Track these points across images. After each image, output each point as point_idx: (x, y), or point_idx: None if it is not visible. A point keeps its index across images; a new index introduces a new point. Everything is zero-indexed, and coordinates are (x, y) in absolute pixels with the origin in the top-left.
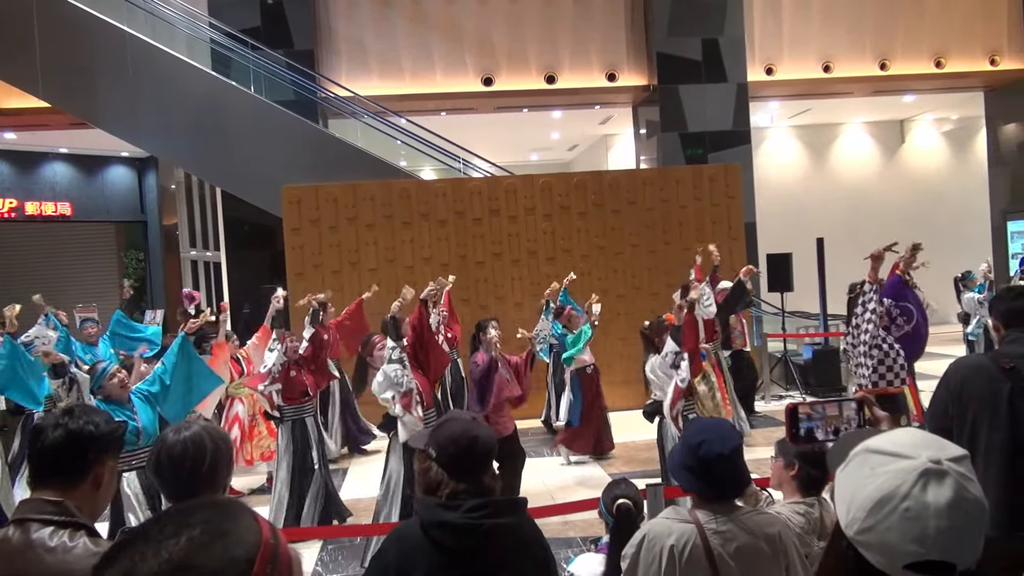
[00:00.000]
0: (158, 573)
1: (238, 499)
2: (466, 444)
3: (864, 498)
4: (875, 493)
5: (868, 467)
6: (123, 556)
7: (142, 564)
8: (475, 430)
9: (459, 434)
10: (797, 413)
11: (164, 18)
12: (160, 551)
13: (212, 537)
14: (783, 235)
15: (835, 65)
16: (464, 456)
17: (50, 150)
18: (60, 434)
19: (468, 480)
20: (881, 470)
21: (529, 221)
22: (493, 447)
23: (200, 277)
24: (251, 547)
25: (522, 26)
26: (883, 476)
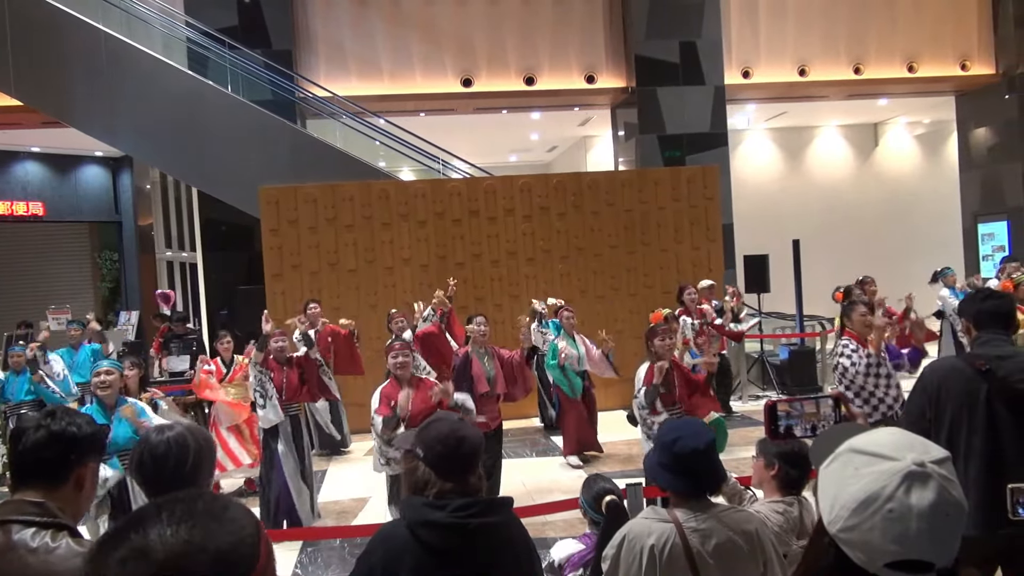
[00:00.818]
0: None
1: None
2: (453, 444)
3: (848, 498)
4: (859, 493)
5: (853, 467)
6: (132, 537)
7: (159, 541)
8: (462, 430)
9: (446, 434)
10: (776, 410)
11: (140, 16)
12: (176, 531)
13: (220, 521)
14: (760, 236)
15: (810, 69)
16: (451, 456)
17: (22, 149)
18: (42, 435)
19: (454, 480)
20: (866, 471)
21: (508, 222)
22: (480, 447)
23: (176, 278)
24: (255, 534)
25: (501, 27)
26: (868, 477)
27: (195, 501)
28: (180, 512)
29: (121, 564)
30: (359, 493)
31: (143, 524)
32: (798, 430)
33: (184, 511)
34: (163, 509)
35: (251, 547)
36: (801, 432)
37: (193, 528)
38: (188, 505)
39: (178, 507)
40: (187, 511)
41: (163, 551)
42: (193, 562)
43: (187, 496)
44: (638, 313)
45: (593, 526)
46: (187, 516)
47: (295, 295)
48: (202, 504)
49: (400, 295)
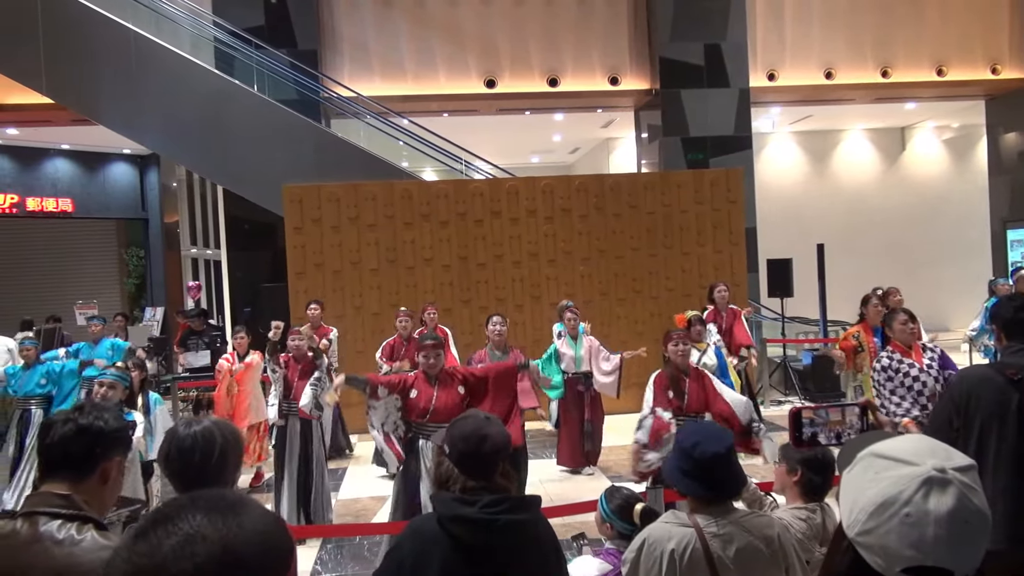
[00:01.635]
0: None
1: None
2: (475, 442)
3: (867, 501)
4: (877, 497)
5: (873, 471)
6: (157, 526)
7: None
8: (485, 429)
9: (469, 432)
10: (801, 417)
11: (168, 16)
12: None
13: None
14: (783, 240)
15: (837, 72)
16: (472, 454)
17: (52, 146)
18: (70, 428)
19: (477, 477)
20: (885, 475)
21: (530, 223)
22: (502, 447)
23: (200, 275)
24: (286, 538)
25: (525, 29)
26: (886, 481)
27: (220, 496)
28: (212, 503)
29: (178, 549)
30: (378, 492)
31: (183, 514)
32: (823, 438)
33: (215, 503)
34: (195, 501)
35: (286, 532)
36: (826, 440)
37: (228, 516)
38: (216, 498)
39: (203, 498)
40: (218, 503)
41: (217, 534)
42: (246, 544)
43: (209, 493)
44: (659, 316)
45: (619, 539)
46: (221, 507)
47: (317, 293)
48: (229, 497)
49: (421, 295)
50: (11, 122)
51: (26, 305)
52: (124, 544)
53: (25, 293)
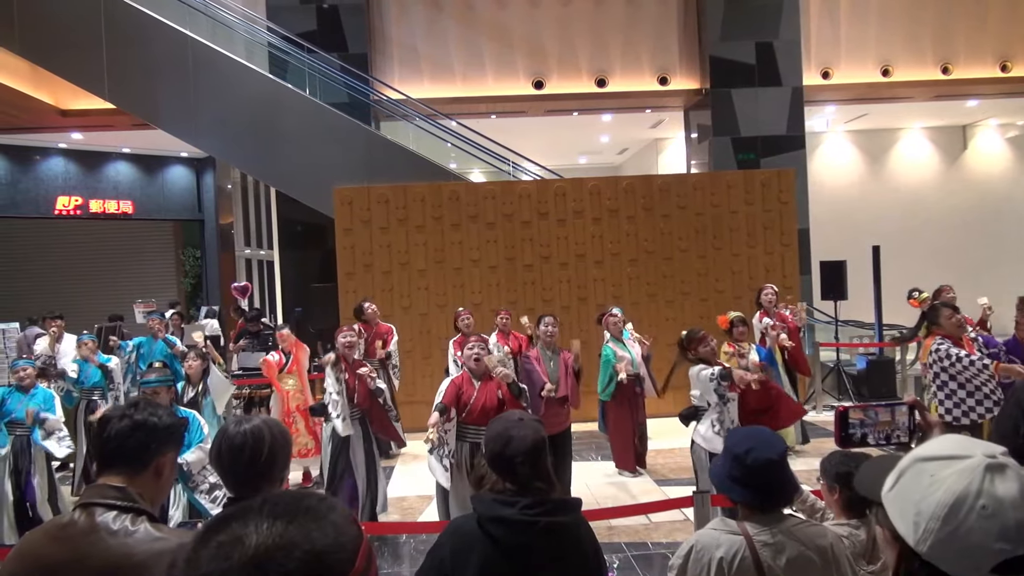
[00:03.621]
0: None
1: (331, 496)
2: (501, 443)
3: (934, 507)
4: (946, 497)
5: (927, 475)
6: (233, 525)
7: (255, 533)
8: (512, 430)
9: (498, 433)
10: (848, 417)
11: (224, 22)
12: (273, 524)
13: (320, 522)
14: (837, 242)
15: (894, 69)
16: (499, 454)
17: (114, 150)
18: (126, 424)
19: (505, 477)
20: (943, 474)
21: (577, 224)
22: (531, 448)
23: (254, 275)
24: (355, 539)
25: (573, 29)
26: (949, 479)
27: (300, 500)
28: (283, 508)
29: (219, 547)
30: (425, 491)
31: (246, 515)
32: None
33: (287, 508)
34: (267, 503)
35: (347, 552)
36: (874, 441)
37: (290, 524)
38: (293, 503)
39: (282, 503)
40: (290, 508)
41: (258, 541)
42: (286, 556)
43: (294, 495)
44: (708, 318)
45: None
46: (289, 513)
47: (366, 293)
48: (307, 503)
49: (468, 296)
50: (76, 127)
51: (89, 304)
52: (195, 547)
53: (88, 292)
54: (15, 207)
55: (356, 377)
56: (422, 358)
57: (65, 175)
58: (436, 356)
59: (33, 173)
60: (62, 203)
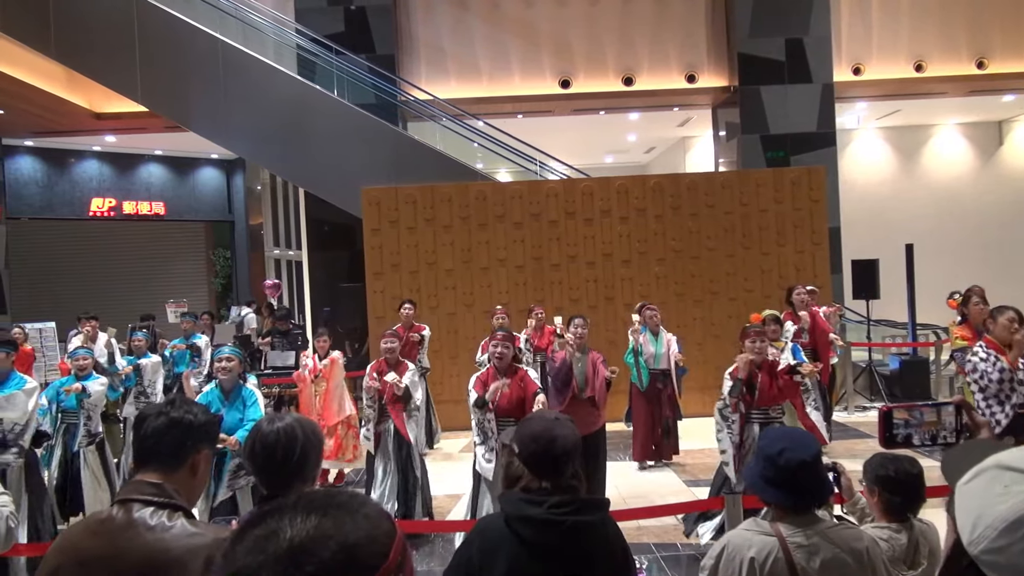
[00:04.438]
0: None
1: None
2: (545, 442)
3: (995, 517)
4: (1009, 514)
5: (1001, 484)
6: (268, 520)
7: (289, 526)
8: (556, 429)
9: (539, 432)
10: (892, 417)
11: (254, 25)
12: (307, 518)
13: (354, 516)
14: (869, 240)
15: (928, 64)
16: (542, 454)
17: (146, 152)
18: (162, 421)
19: (547, 477)
20: (1016, 488)
21: (605, 224)
22: (573, 447)
23: (283, 275)
24: (388, 532)
25: (600, 28)
26: (1019, 496)
27: (334, 496)
28: (317, 503)
29: (255, 541)
30: (453, 490)
31: (282, 510)
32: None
33: (321, 503)
34: (302, 499)
35: (381, 545)
36: (919, 441)
37: (325, 517)
38: (327, 498)
39: (316, 499)
40: (324, 503)
41: (292, 534)
42: (319, 547)
43: (328, 492)
44: (737, 318)
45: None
46: (322, 507)
47: (394, 293)
48: (340, 499)
49: (495, 295)
50: (110, 130)
51: (121, 303)
52: (232, 541)
53: (121, 292)
54: (51, 209)
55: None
56: (449, 358)
57: (99, 177)
58: (463, 356)
59: (69, 175)
60: (96, 205)
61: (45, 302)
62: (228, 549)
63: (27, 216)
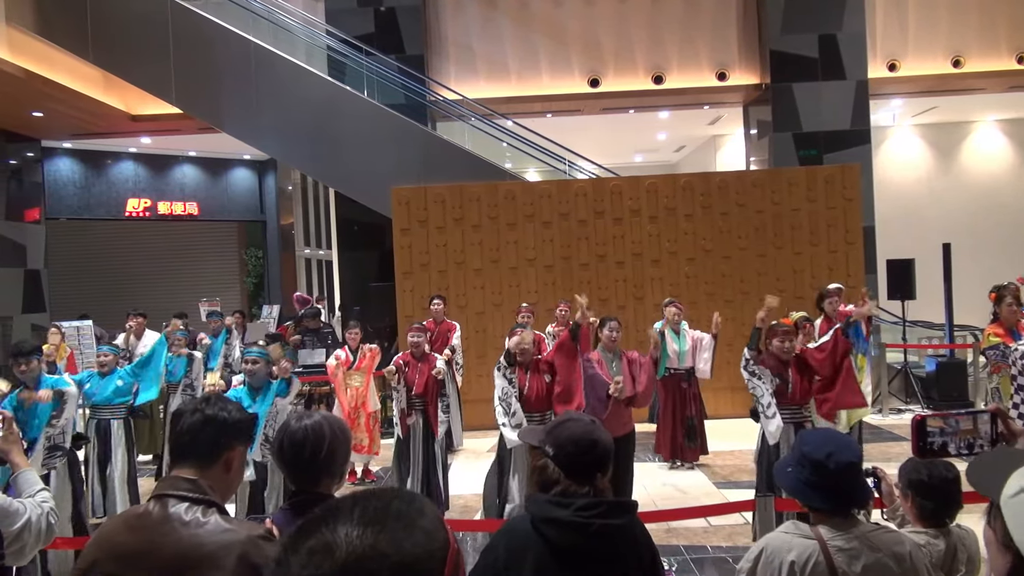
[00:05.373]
0: (359, 553)
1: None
2: (586, 446)
3: None
4: None
5: None
6: (323, 530)
7: (344, 541)
8: (595, 433)
9: (579, 435)
10: (926, 426)
11: (285, 27)
12: (363, 533)
13: (410, 529)
14: (905, 240)
15: (966, 60)
16: (583, 457)
17: (180, 153)
18: (198, 418)
19: (583, 481)
20: None
21: (634, 223)
22: (611, 451)
23: (313, 275)
24: (444, 545)
25: (629, 26)
26: None
27: (391, 502)
28: (373, 512)
29: (308, 554)
30: (481, 489)
31: (336, 519)
32: (952, 448)
33: (377, 512)
34: (357, 505)
35: (437, 561)
36: (955, 450)
37: (380, 533)
38: (383, 505)
39: (372, 505)
40: (380, 512)
41: (347, 551)
42: (376, 567)
43: (383, 494)
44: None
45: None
46: (379, 519)
47: (423, 292)
48: (397, 506)
49: (524, 295)
50: (145, 132)
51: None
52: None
53: (155, 291)
54: (89, 209)
55: (416, 369)
56: (477, 357)
57: (135, 178)
58: (491, 355)
59: (105, 177)
60: (132, 205)
61: (83, 301)
62: (281, 556)
63: (65, 217)
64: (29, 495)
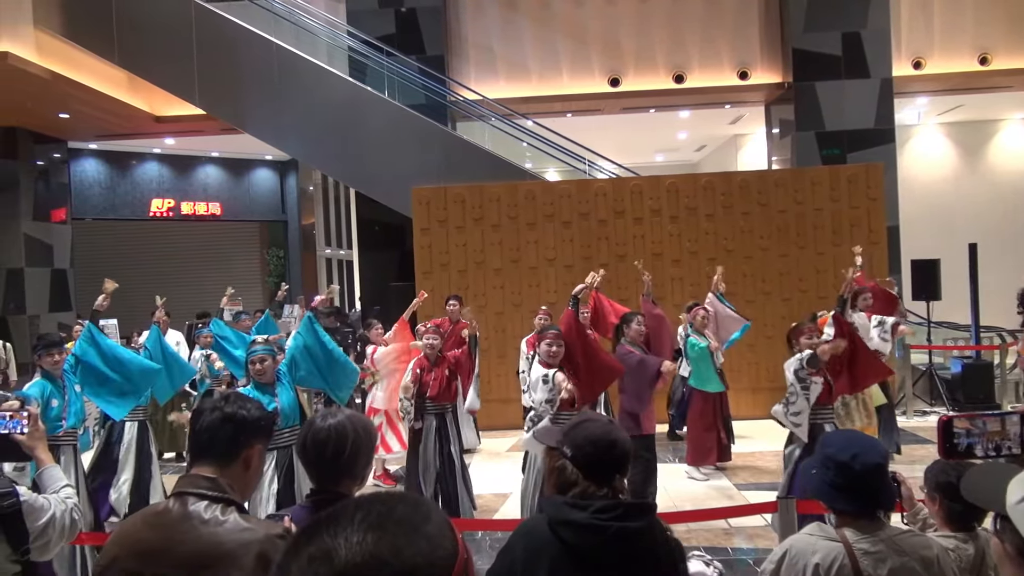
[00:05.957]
0: (358, 561)
1: (428, 499)
2: (605, 447)
3: None
4: None
5: None
6: (324, 535)
7: (344, 547)
8: (614, 433)
9: (598, 436)
10: (952, 427)
11: (307, 28)
12: (364, 539)
13: (413, 536)
14: (929, 240)
15: (993, 57)
16: (602, 458)
17: (203, 154)
18: (217, 416)
19: (602, 482)
20: None
21: (654, 223)
22: (630, 452)
23: (334, 274)
24: (450, 555)
25: (650, 25)
26: None
27: (394, 506)
28: (374, 517)
29: (308, 561)
30: (501, 489)
31: (337, 524)
32: (979, 450)
33: (379, 516)
34: (360, 510)
35: (439, 569)
36: (983, 452)
37: (381, 540)
38: (387, 510)
39: (375, 510)
40: (382, 517)
41: (346, 558)
42: (372, 574)
43: (387, 499)
44: (791, 319)
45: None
46: (380, 524)
47: (443, 292)
48: (401, 511)
49: (544, 295)
50: (169, 133)
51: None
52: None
53: (179, 290)
54: (114, 209)
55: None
56: (497, 357)
57: (159, 179)
58: (511, 355)
59: (130, 177)
60: (156, 205)
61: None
62: (282, 561)
63: (91, 217)
64: (54, 491)
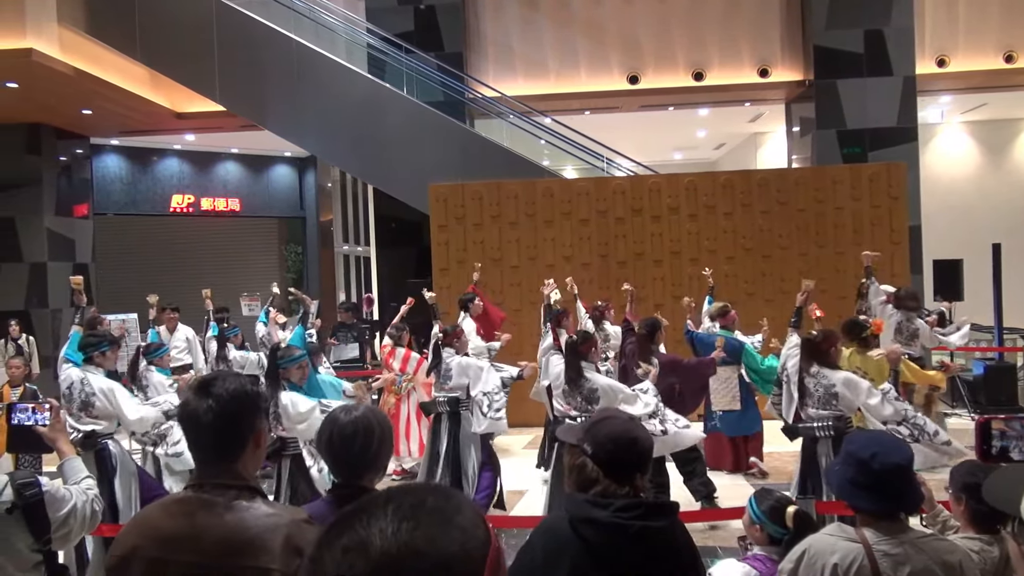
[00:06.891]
0: (394, 552)
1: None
2: (626, 444)
3: None
4: None
5: None
6: (357, 526)
7: (379, 537)
8: (635, 431)
9: (619, 433)
10: (990, 429)
11: (326, 25)
12: (398, 529)
13: (446, 526)
14: (952, 240)
15: (1019, 54)
16: (623, 456)
17: (223, 150)
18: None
19: (622, 480)
20: None
21: (673, 221)
22: (651, 449)
23: (352, 271)
24: (483, 544)
25: (669, 22)
26: None
27: (425, 498)
28: (408, 508)
29: (342, 552)
30: (517, 486)
31: (370, 514)
32: (1015, 453)
33: (412, 507)
34: (392, 501)
35: (475, 560)
36: (1019, 455)
37: (416, 530)
38: (418, 501)
39: (407, 501)
40: (416, 508)
41: (381, 549)
42: (410, 565)
43: (418, 490)
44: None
45: (770, 544)
46: (414, 514)
47: (460, 289)
48: (432, 502)
49: (561, 293)
50: (189, 129)
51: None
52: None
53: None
54: (135, 205)
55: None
56: (514, 355)
57: (179, 175)
58: (527, 352)
59: (151, 173)
60: (176, 201)
61: (129, 295)
62: (316, 553)
63: (112, 212)
64: (75, 482)
